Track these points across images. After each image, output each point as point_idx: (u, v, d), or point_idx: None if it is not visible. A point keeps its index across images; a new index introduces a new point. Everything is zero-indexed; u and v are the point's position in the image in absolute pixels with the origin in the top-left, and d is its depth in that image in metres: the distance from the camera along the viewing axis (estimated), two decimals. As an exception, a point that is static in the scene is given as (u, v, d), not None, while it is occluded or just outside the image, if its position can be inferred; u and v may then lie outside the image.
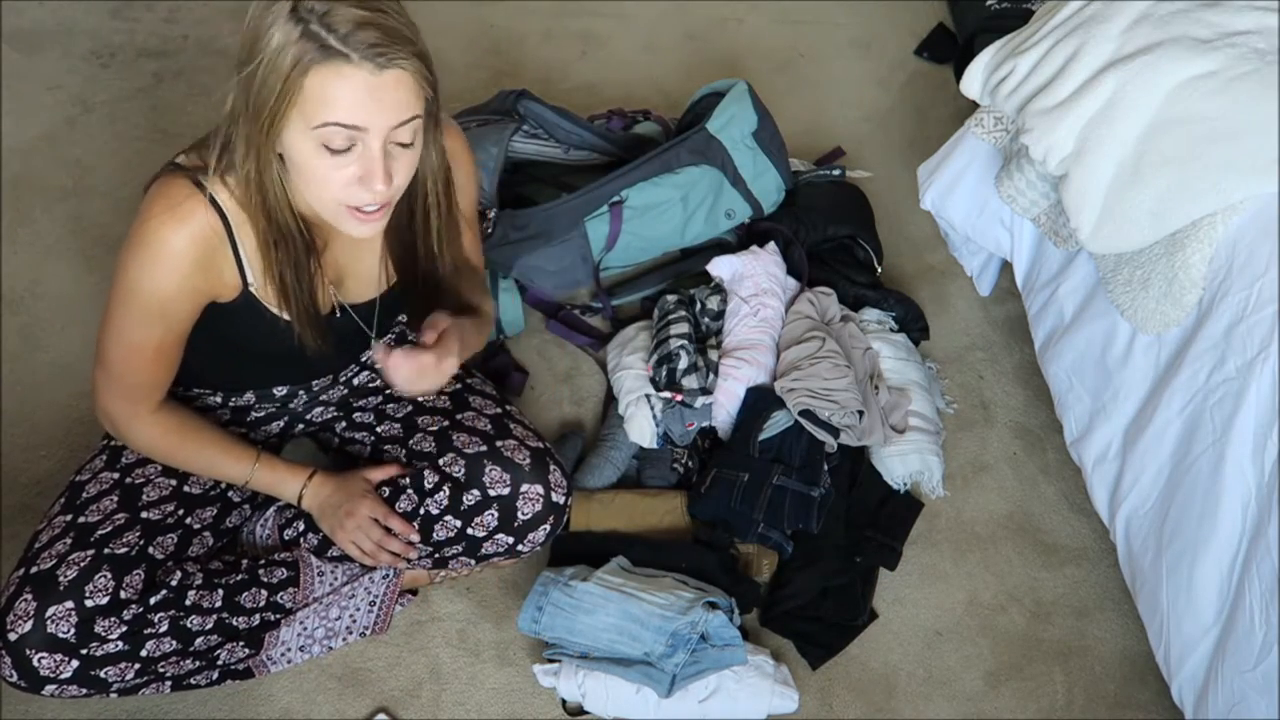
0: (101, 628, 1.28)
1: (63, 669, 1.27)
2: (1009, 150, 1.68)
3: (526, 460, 1.44)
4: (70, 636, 1.26)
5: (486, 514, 1.43)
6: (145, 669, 1.33)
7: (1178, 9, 1.47)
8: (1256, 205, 1.34)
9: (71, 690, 1.29)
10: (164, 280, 1.22)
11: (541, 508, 1.44)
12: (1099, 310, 1.57)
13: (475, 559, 1.49)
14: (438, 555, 1.48)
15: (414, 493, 1.45)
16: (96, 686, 1.30)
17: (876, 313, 1.91)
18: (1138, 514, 1.51)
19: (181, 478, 1.42)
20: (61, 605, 1.26)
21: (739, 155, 1.93)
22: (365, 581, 1.54)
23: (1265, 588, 1.28)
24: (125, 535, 1.33)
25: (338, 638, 1.53)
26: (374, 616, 1.54)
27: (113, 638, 1.29)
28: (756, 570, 1.62)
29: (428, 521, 1.44)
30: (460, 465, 1.43)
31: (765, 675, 1.50)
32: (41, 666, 1.26)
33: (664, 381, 1.71)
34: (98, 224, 2.07)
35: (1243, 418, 1.32)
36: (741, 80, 2.00)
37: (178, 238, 1.20)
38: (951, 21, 2.54)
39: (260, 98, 1.10)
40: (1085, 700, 1.58)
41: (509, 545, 1.46)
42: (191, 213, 1.20)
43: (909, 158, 2.12)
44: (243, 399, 1.48)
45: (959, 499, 1.78)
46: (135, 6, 2.47)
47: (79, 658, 1.27)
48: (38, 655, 1.25)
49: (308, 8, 1.07)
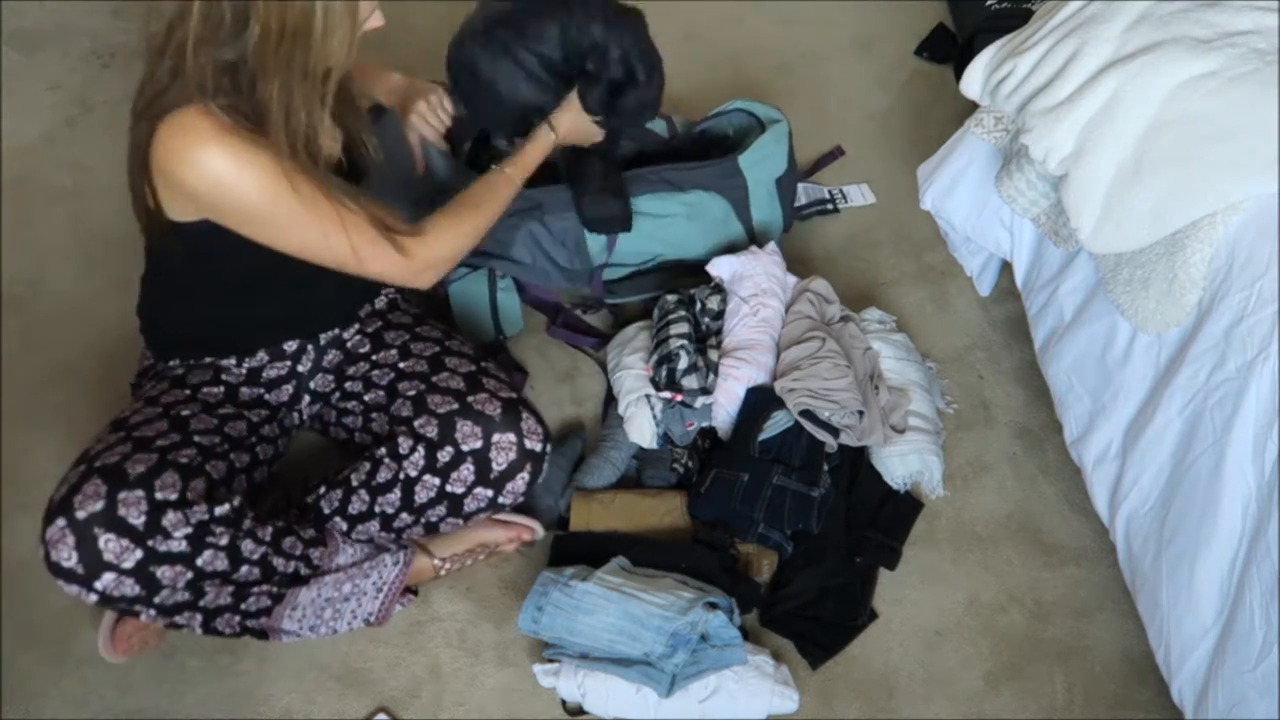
0: (169, 522, 1.27)
1: (126, 557, 1.25)
2: (1009, 150, 1.68)
3: (497, 411, 1.46)
4: (140, 524, 1.26)
5: (463, 468, 1.45)
6: (194, 583, 1.33)
7: (1178, 9, 1.47)
8: (1256, 205, 1.34)
9: (126, 585, 1.27)
10: (269, 158, 1.26)
11: (516, 456, 1.46)
12: (1099, 310, 1.57)
13: (462, 518, 1.51)
14: (423, 520, 1.50)
15: (391, 460, 1.47)
16: (149, 587, 1.29)
17: (877, 313, 1.91)
18: (1138, 514, 1.51)
19: (221, 420, 1.44)
20: (133, 492, 1.26)
21: (756, 194, 1.92)
22: (379, 564, 1.53)
23: (1265, 588, 1.28)
24: (184, 450, 1.34)
25: (343, 619, 1.52)
26: (378, 604, 1.54)
27: (177, 535, 1.28)
28: (756, 570, 1.62)
29: (408, 485, 1.46)
30: (433, 425, 1.45)
31: (765, 675, 1.50)
32: (107, 549, 1.24)
33: (664, 381, 1.71)
34: (98, 224, 2.07)
35: (1243, 418, 1.32)
36: (784, 121, 1.97)
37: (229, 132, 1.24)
38: (951, 21, 2.54)
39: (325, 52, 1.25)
40: (1085, 700, 1.58)
41: (489, 499, 1.48)
42: (217, 122, 1.24)
43: (909, 158, 2.12)
44: (256, 359, 1.52)
45: (959, 499, 1.78)
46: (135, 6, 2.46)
47: (144, 548, 1.26)
48: (105, 536, 1.24)
49: None
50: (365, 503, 1.49)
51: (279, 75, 1.24)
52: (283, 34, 1.21)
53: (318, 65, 1.26)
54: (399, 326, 1.61)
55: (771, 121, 1.97)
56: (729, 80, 2.42)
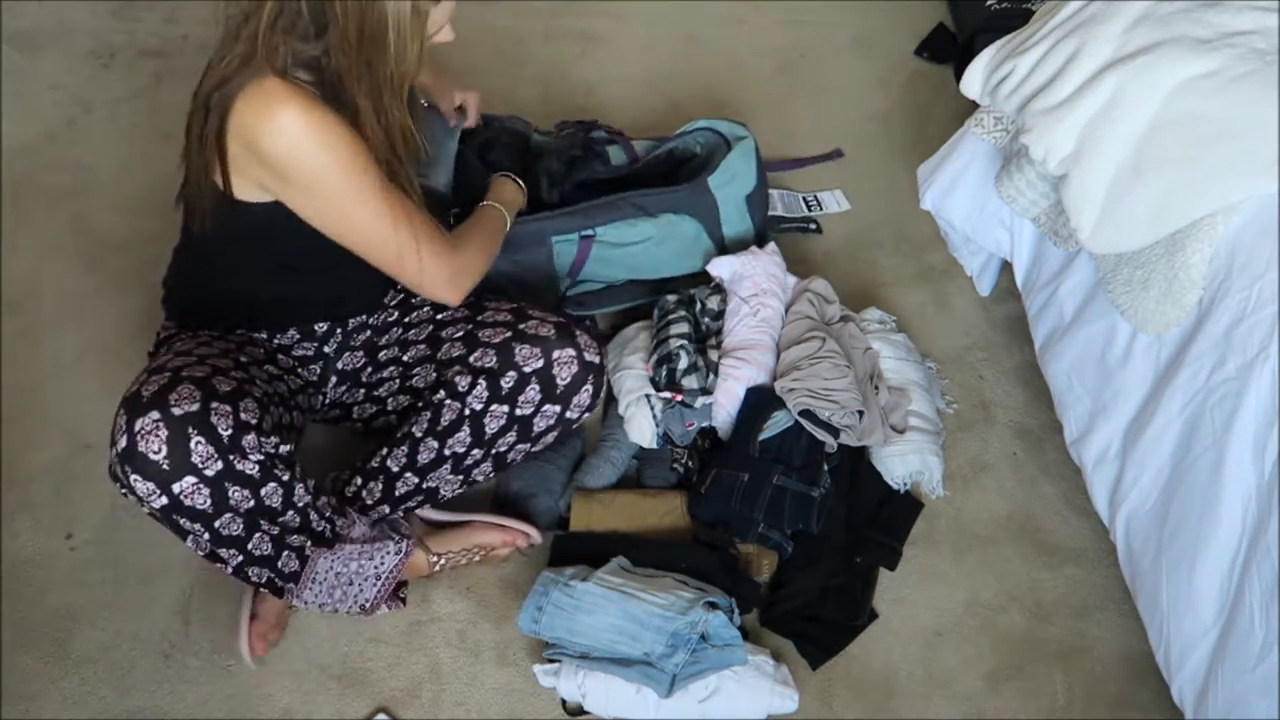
0: (248, 443, 1.29)
1: (210, 464, 1.27)
2: (1009, 150, 1.68)
3: (550, 331, 1.50)
4: (226, 436, 1.27)
5: (529, 389, 1.49)
6: (253, 514, 1.34)
7: (1178, 9, 1.47)
8: (1256, 205, 1.34)
9: (201, 494, 1.28)
10: (350, 134, 1.29)
11: (578, 368, 1.50)
12: (1099, 310, 1.57)
13: (531, 440, 1.55)
14: (494, 451, 1.53)
15: (453, 400, 1.49)
16: (219, 503, 1.30)
17: (877, 313, 1.92)
18: (1138, 514, 1.51)
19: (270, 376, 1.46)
20: (223, 405, 1.27)
21: (727, 212, 1.91)
22: (382, 549, 1.53)
23: (1265, 588, 1.28)
24: (255, 386, 1.37)
25: (346, 601, 1.53)
26: (374, 591, 1.54)
27: (252, 459, 1.30)
28: (756, 570, 1.62)
29: (476, 419, 1.49)
30: (490, 355, 1.49)
31: (765, 675, 1.50)
32: (196, 450, 1.25)
33: (664, 381, 1.71)
34: (98, 224, 2.07)
35: (1243, 418, 1.32)
36: (750, 137, 1.96)
37: (318, 108, 1.26)
38: (951, 21, 2.54)
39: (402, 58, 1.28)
40: (1085, 700, 1.58)
41: (557, 414, 1.52)
42: (305, 91, 1.26)
43: (909, 158, 2.12)
44: (286, 336, 1.55)
45: (959, 499, 1.78)
46: (135, 6, 2.47)
47: (225, 461, 1.27)
48: (196, 438, 1.25)
49: None
50: (434, 450, 1.51)
51: (364, 79, 1.28)
52: (361, 38, 1.24)
53: (394, 71, 1.29)
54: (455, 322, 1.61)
55: (737, 139, 1.95)
56: (730, 81, 2.42)
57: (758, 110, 2.33)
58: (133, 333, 1.88)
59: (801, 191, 2.19)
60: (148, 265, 1.97)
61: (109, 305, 1.94)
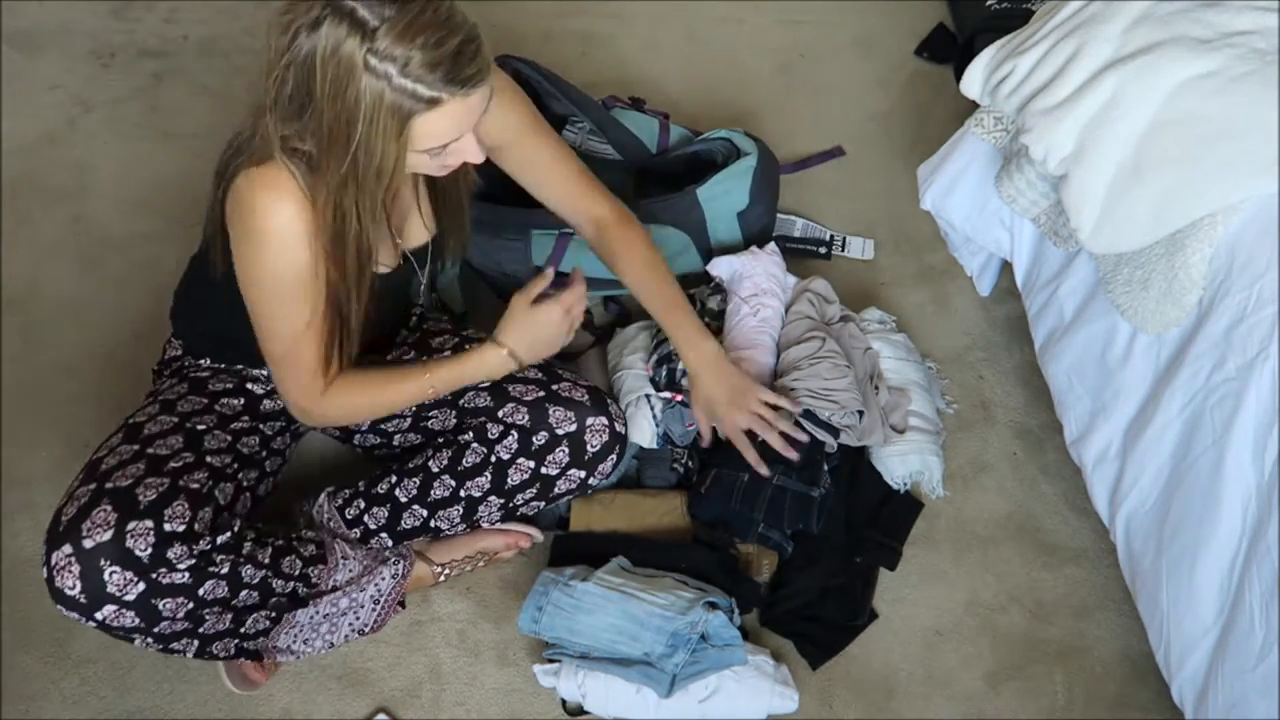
0: (174, 554, 1.27)
1: (129, 589, 1.26)
2: (1009, 150, 1.68)
3: (585, 398, 1.51)
4: (145, 556, 1.25)
5: (558, 451, 1.49)
6: (194, 612, 1.33)
7: (1178, 9, 1.47)
8: (1256, 205, 1.34)
9: (126, 617, 1.27)
10: (296, 255, 1.26)
11: (608, 437, 1.51)
12: (1099, 310, 1.57)
13: (547, 500, 1.54)
14: (511, 503, 1.52)
15: (479, 444, 1.49)
16: (149, 619, 1.29)
17: (877, 313, 1.91)
18: (1138, 514, 1.51)
19: (235, 435, 1.44)
20: (141, 523, 1.26)
21: (715, 226, 1.90)
22: (376, 577, 1.54)
23: (1265, 588, 1.28)
24: (196, 474, 1.34)
25: (339, 632, 1.53)
26: (374, 616, 1.54)
27: (181, 568, 1.28)
28: (756, 570, 1.62)
29: (500, 468, 1.49)
30: (523, 412, 1.49)
31: (765, 675, 1.50)
32: (110, 581, 1.24)
33: (664, 381, 1.71)
34: (98, 224, 2.07)
35: (1243, 418, 1.32)
36: (752, 154, 1.93)
37: (287, 210, 1.23)
38: (951, 21, 2.53)
39: (370, 162, 1.18)
40: (1085, 700, 1.58)
41: (581, 479, 1.52)
42: (288, 186, 1.23)
43: (909, 158, 2.12)
44: None
45: (959, 499, 1.78)
46: (135, 6, 2.47)
47: (147, 581, 1.26)
48: (110, 569, 1.24)
49: (383, 63, 1.12)
50: (449, 488, 1.50)
51: (333, 171, 1.21)
52: (336, 121, 1.16)
53: (363, 164, 1.20)
54: (441, 333, 1.62)
55: (742, 154, 1.95)
56: (729, 81, 2.42)
57: (758, 110, 2.33)
58: (133, 333, 1.88)
59: (831, 228, 2.13)
60: (148, 265, 1.98)
61: (109, 305, 1.94)
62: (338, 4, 1.11)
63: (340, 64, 1.12)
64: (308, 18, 1.12)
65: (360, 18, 1.11)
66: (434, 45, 1.13)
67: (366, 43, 1.11)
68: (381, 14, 1.11)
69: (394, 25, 1.11)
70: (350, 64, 1.12)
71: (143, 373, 1.62)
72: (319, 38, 1.12)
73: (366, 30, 1.11)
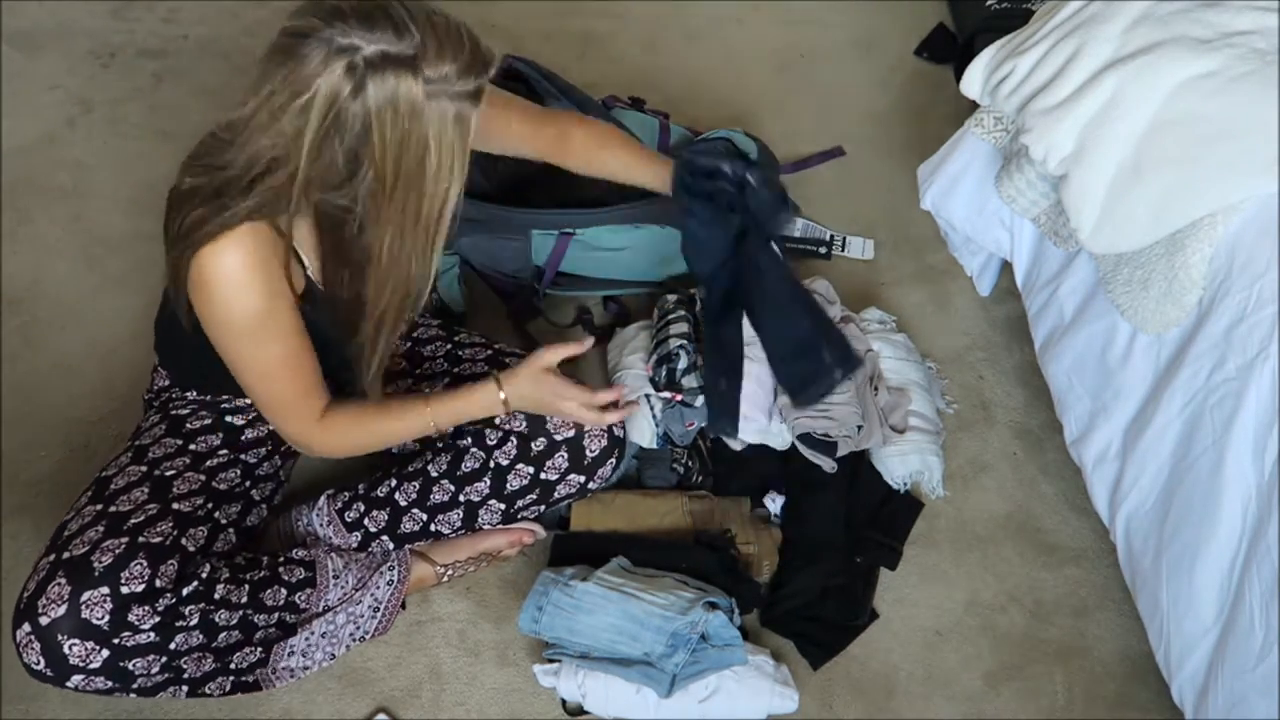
0: (135, 616, 1.27)
1: (93, 658, 1.25)
2: (1009, 150, 1.68)
3: None
4: (104, 623, 1.25)
5: (556, 456, 1.49)
6: (170, 663, 1.32)
7: (1178, 9, 1.47)
8: (1256, 205, 1.34)
9: (97, 682, 1.27)
10: (247, 300, 1.23)
11: (607, 442, 1.51)
12: (1099, 310, 1.57)
13: (546, 504, 1.54)
14: (512, 508, 1.52)
15: (478, 449, 1.49)
16: (122, 680, 1.29)
17: (877, 313, 1.91)
18: (1138, 514, 1.51)
19: (210, 473, 1.43)
20: (96, 591, 1.25)
21: None
22: (371, 587, 1.54)
23: (1265, 588, 1.28)
24: (159, 525, 1.33)
25: (341, 644, 1.53)
26: (375, 623, 1.54)
27: (145, 627, 1.27)
28: (757, 570, 1.62)
29: (499, 473, 1.49)
30: (520, 419, 1.48)
31: (765, 675, 1.50)
32: (72, 654, 1.24)
33: (664, 381, 1.71)
34: (98, 224, 2.07)
35: (1243, 418, 1.32)
36: (754, 154, 1.92)
37: (231, 260, 1.20)
38: (951, 21, 2.54)
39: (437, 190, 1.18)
40: (1085, 700, 1.58)
41: (580, 484, 1.52)
42: (233, 238, 1.20)
43: (909, 158, 2.12)
44: None
45: (959, 499, 1.78)
46: (135, 6, 2.47)
47: (110, 647, 1.26)
48: (69, 642, 1.24)
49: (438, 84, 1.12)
50: (449, 493, 1.50)
51: (393, 222, 1.19)
52: (399, 170, 1.15)
53: (431, 209, 1.19)
54: (433, 340, 1.62)
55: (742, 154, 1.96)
56: (729, 81, 2.42)
57: (758, 110, 2.33)
58: (133, 333, 1.88)
59: (831, 228, 2.13)
60: (148, 265, 1.98)
61: (109, 305, 1.94)
62: (369, 60, 1.09)
63: (399, 108, 1.11)
64: (339, 88, 1.09)
65: (397, 56, 1.10)
66: (459, 44, 1.13)
67: (419, 75, 1.10)
68: (411, 42, 1.10)
69: (427, 46, 1.11)
70: (412, 102, 1.11)
71: (143, 373, 1.62)
72: (367, 100, 1.10)
73: (413, 65, 1.10)
